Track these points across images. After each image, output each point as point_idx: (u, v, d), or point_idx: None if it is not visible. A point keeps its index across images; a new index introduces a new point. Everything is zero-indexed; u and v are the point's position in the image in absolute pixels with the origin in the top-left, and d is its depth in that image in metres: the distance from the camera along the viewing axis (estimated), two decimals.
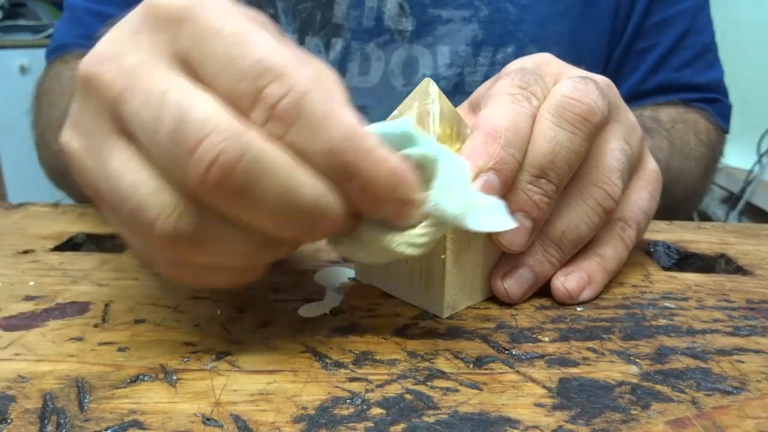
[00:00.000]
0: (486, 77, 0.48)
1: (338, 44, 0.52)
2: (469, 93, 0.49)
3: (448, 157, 0.22)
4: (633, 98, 0.56)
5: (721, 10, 0.60)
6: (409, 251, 0.22)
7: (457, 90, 0.52)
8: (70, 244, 0.35)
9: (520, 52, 0.50)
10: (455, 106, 0.28)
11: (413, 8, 0.50)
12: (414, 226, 0.22)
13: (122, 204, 0.20)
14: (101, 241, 0.36)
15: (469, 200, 0.22)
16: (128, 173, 0.19)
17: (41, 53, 0.57)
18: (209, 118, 0.18)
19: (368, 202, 0.20)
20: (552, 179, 0.26)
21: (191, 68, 0.20)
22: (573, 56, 0.50)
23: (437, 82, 0.50)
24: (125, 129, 0.20)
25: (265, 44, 0.19)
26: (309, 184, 0.19)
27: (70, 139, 0.21)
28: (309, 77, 0.19)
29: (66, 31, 0.55)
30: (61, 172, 0.48)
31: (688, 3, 0.55)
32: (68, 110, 0.22)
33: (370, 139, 0.19)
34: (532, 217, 0.26)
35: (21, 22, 2.00)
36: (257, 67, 0.18)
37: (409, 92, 0.26)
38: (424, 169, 0.22)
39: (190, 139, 0.18)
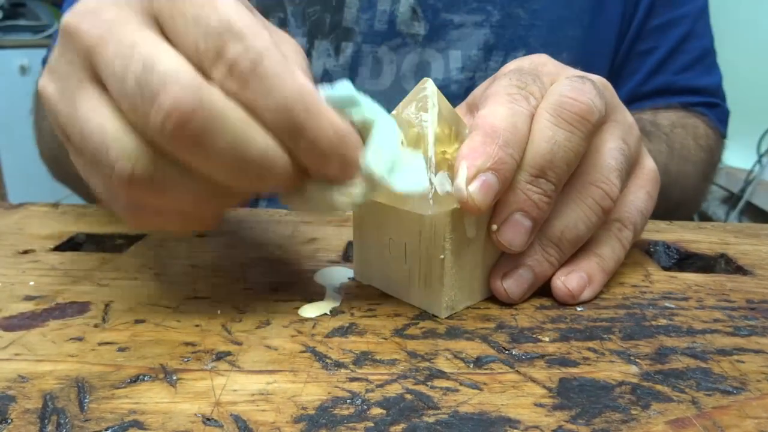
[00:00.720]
0: None
1: (348, 48, 0.52)
2: None
3: (383, 119, 0.24)
4: (633, 100, 0.56)
5: (721, 10, 0.60)
6: (346, 205, 0.23)
7: (468, 94, 0.51)
8: (70, 244, 0.35)
9: None
10: None
11: (426, 12, 0.50)
12: (354, 182, 0.23)
13: (87, 144, 0.21)
14: (101, 241, 0.36)
15: (396, 162, 0.24)
16: (96, 117, 0.21)
17: (41, 53, 0.57)
18: (172, 70, 0.19)
19: (314, 160, 0.22)
20: (551, 179, 0.26)
21: (163, 26, 0.21)
22: (584, 60, 0.51)
23: (449, 85, 0.52)
24: (97, 77, 0.21)
25: (231, 8, 0.20)
26: (259, 139, 0.21)
27: (47, 83, 0.23)
28: (267, 40, 0.20)
29: None
30: (57, 159, 0.49)
31: (689, 7, 0.56)
32: None
33: (319, 100, 0.21)
34: (531, 217, 0.26)
35: (21, 22, 2.00)
36: (220, 27, 0.20)
37: None
38: (364, 131, 0.23)
39: (152, 88, 0.19)
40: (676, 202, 0.52)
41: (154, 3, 0.22)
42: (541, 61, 0.30)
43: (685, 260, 0.35)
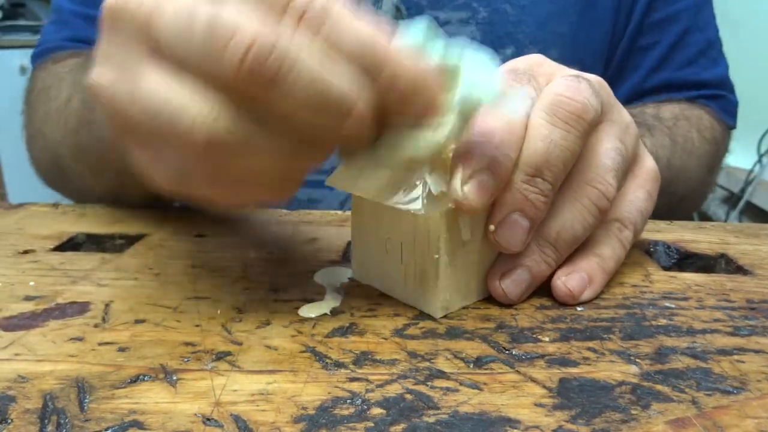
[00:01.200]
0: None
1: None
2: None
3: (472, 58, 0.23)
4: (636, 97, 0.56)
5: (721, 9, 0.60)
6: (424, 150, 0.23)
7: None
8: (70, 244, 0.35)
9: (519, 54, 0.50)
10: None
11: (410, 10, 0.50)
12: (440, 122, 0.23)
13: (156, 121, 0.20)
14: (101, 241, 0.36)
15: (498, 89, 0.24)
16: (162, 89, 0.20)
17: None
18: (239, 19, 0.19)
19: (395, 99, 0.22)
20: (547, 178, 0.26)
21: None
22: (574, 56, 0.50)
23: None
24: (157, 48, 0.21)
25: None
26: (338, 74, 0.20)
27: (100, 75, 0.22)
28: None
29: (53, 34, 0.55)
30: (59, 165, 0.47)
31: (689, 1, 0.55)
32: (71, 96, 0.23)
33: (394, 40, 0.21)
34: (529, 217, 0.26)
35: (21, 22, 2.00)
36: None
37: None
38: (446, 74, 0.23)
39: (222, 37, 0.19)
40: (680, 195, 0.52)
41: None
42: (536, 61, 0.30)
43: (685, 260, 0.35)
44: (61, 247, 0.34)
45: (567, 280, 0.28)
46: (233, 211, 0.38)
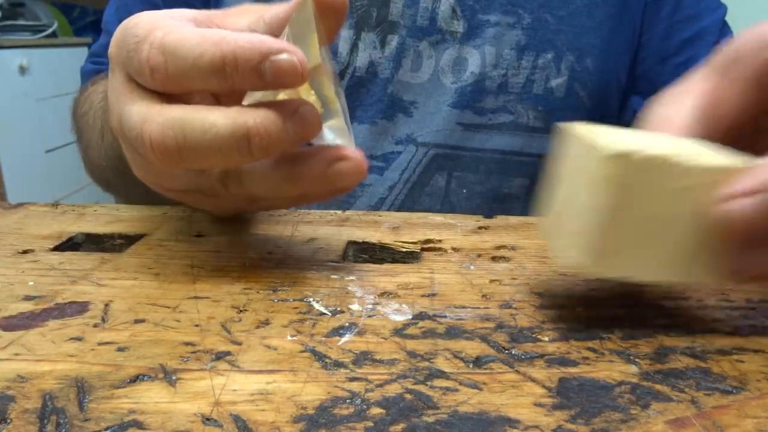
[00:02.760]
0: (527, 80, 0.53)
1: (394, 41, 0.54)
2: (512, 93, 0.54)
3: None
4: None
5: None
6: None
7: (500, 90, 0.54)
8: (70, 244, 0.35)
9: (558, 59, 0.54)
10: (498, 106, 0.27)
11: (464, 12, 0.53)
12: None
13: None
14: (101, 241, 0.36)
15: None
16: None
17: (41, 53, 0.57)
18: (138, 117, 0.27)
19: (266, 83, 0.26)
20: None
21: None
22: (606, 66, 0.55)
23: (483, 81, 0.54)
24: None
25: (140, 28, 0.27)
26: (213, 116, 0.26)
27: (113, 122, 0.30)
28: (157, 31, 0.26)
29: (104, 57, 0.58)
30: (106, 180, 0.54)
31: (711, 19, 0.57)
32: (104, 131, 0.33)
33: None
34: None
35: (21, 22, 2.00)
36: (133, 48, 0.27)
37: (457, 89, 0.26)
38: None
39: (138, 138, 0.27)
40: None
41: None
42: None
43: None
44: (61, 247, 0.34)
45: None
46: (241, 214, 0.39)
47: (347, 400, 0.20)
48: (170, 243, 0.34)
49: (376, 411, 0.20)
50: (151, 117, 0.26)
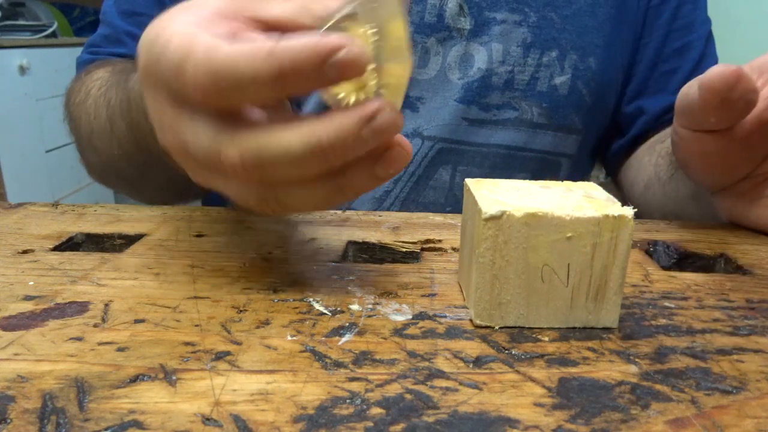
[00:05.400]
0: (532, 77, 0.54)
1: None
2: (519, 90, 0.55)
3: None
4: (669, 110, 0.58)
5: (721, 10, 0.61)
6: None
7: (507, 87, 0.55)
8: (70, 244, 0.35)
9: (561, 57, 0.55)
10: (503, 103, 0.27)
11: (471, 9, 0.54)
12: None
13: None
14: (101, 241, 0.36)
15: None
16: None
17: (41, 53, 0.57)
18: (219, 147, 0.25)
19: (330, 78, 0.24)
20: None
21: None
22: (606, 66, 0.56)
23: (490, 77, 0.55)
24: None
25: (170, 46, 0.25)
26: (293, 131, 0.25)
27: (162, 140, 0.28)
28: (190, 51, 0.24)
29: (105, 47, 0.57)
30: (116, 169, 0.52)
31: (700, 32, 0.59)
32: (113, 119, 0.30)
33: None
34: None
35: (20, 21, 2.00)
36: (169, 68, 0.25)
37: (463, 84, 0.26)
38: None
39: (218, 163, 0.26)
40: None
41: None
42: None
43: (684, 260, 0.35)
44: (61, 247, 0.34)
45: None
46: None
47: (347, 400, 0.20)
48: (170, 243, 0.34)
49: (376, 411, 0.20)
50: (223, 143, 0.25)
